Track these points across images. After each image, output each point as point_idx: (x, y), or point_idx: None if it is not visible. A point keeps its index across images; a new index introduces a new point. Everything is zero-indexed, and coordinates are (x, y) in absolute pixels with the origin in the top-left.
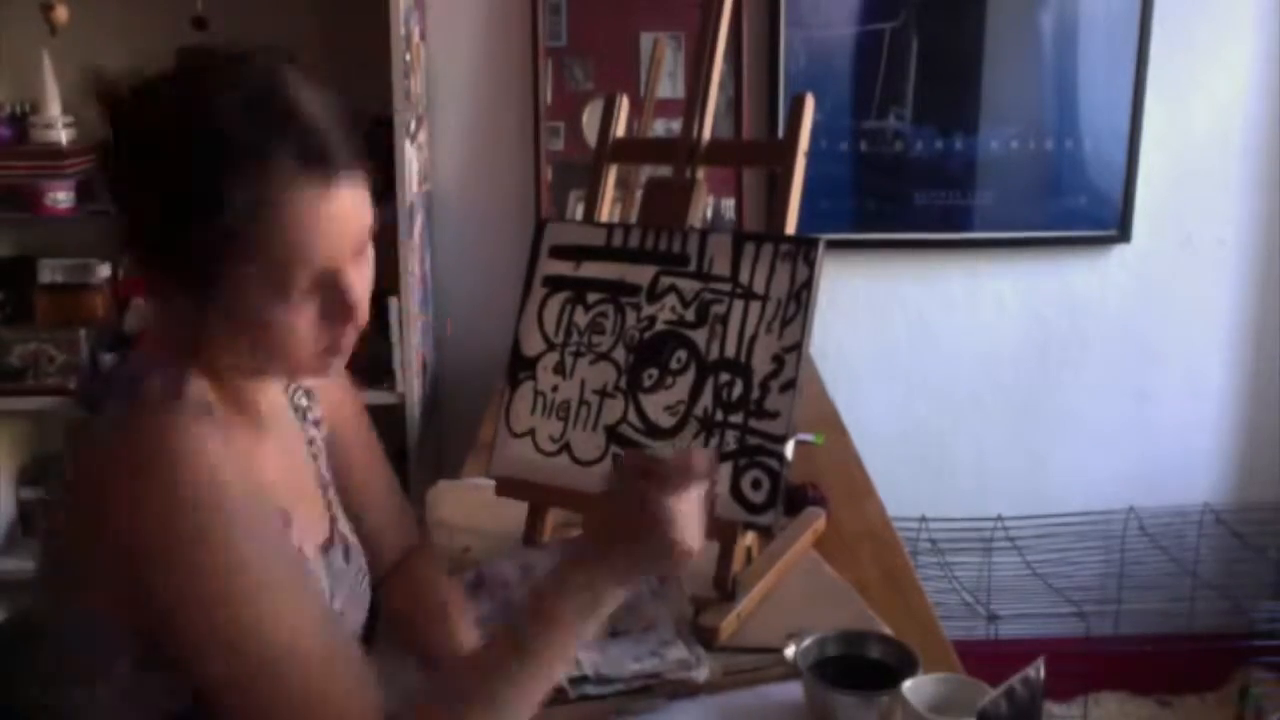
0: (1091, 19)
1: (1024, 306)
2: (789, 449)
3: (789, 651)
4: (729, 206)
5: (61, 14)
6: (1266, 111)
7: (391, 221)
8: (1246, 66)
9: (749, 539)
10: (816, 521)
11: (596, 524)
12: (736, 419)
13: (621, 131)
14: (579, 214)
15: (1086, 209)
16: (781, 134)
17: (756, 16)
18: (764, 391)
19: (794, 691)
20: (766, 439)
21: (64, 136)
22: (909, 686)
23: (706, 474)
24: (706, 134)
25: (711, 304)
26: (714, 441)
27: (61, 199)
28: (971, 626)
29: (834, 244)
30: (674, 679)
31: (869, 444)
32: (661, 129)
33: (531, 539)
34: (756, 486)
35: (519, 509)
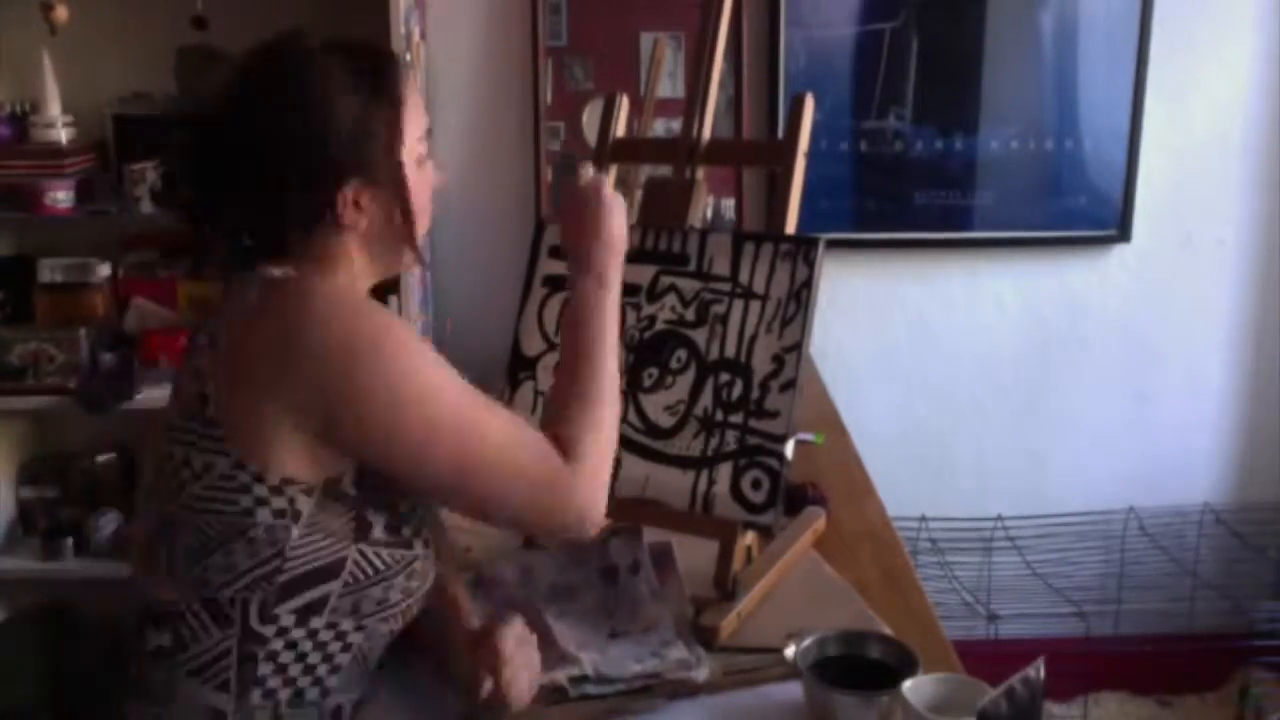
0: (1091, 19)
1: (1024, 306)
2: (789, 449)
3: (789, 651)
4: (729, 206)
5: (61, 14)
6: (1266, 111)
7: None
8: (1246, 66)
9: (749, 539)
10: (816, 521)
11: (563, 234)
12: (736, 419)
13: (621, 131)
14: None
15: (1086, 209)
16: (781, 134)
17: (756, 16)
18: (764, 391)
19: (794, 691)
20: (766, 439)
21: (64, 136)
22: (909, 686)
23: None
24: (706, 134)
25: (711, 304)
26: (714, 441)
27: (61, 199)
28: (971, 626)
29: (834, 244)
30: (674, 679)
31: (869, 444)
32: (661, 129)
33: (531, 540)
34: (756, 486)
35: None
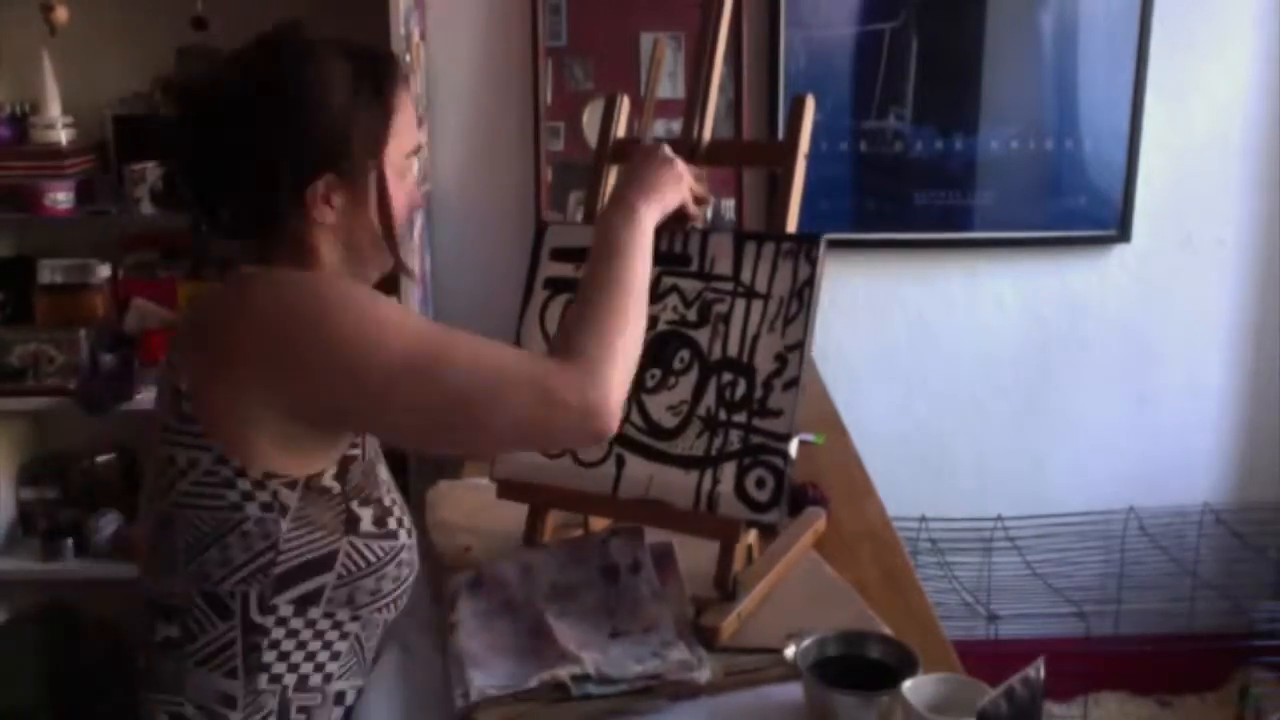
0: (1091, 19)
1: (1024, 306)
2: (793, 447)
3: (789, 651)
4: (729, 207)
5: (61, 14)
6: (1266, 111)
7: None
8: (1246, 66)
9: (750, 538)
10: (817, 521)
11: (624, 172)
12: (740, 418)
13: (622, 132)
14: (579, 215)
15: (1086, 209)
16: (782, 135)
17: (756, 17)
18: (767, 390)
19: (794, 692)
20: (770, 438)
21: (64, 136)
22: (909, 686)
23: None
24: (707, 134)
25: (714, 303)
26: (717, 441)
27: (61, 199)
28: (971, 626)
29: (834, 244)
30: (675, 680)
31: (869, 444)
32: (661, 129)
33: (531, 539)
34: (760, 485)
35: (519, 509)
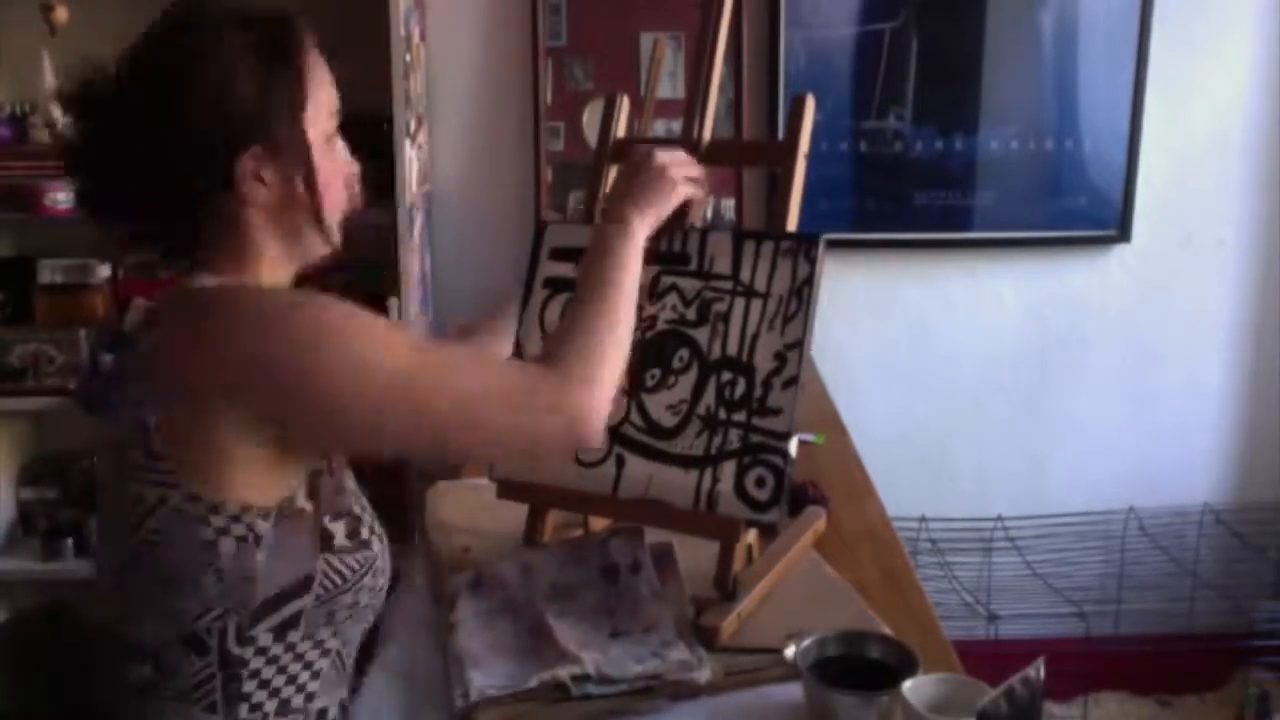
0: (1091, 19)
1: (1024, 307)
2: (793, 446)
3: (789, 651)
4: (729, 207)
5: (61, 14)
6: (1266, 111)
7: (391, 222)
8: (1246, 66)
9: (750, 538)
10: (817, 521)
11: (618, 181)
12: (739, 417)
13: (622, 131)
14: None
15: (1086, 209)
16: (782, 135)
17: (756, 17)
18: (766, 389)
19: (794, 692)
20: (770, 436)
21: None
22: (909, 686)
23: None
24: (707, 134)
25: (713, 302)
26: (717, 440)
27: (61, 199)
28: (971, 626)
29: (834, 244)
30: (676, 680)
31: (869, 444)
32: (661, 129)
33: (531, 539)
34: (760, 484)
35: (519, 509)
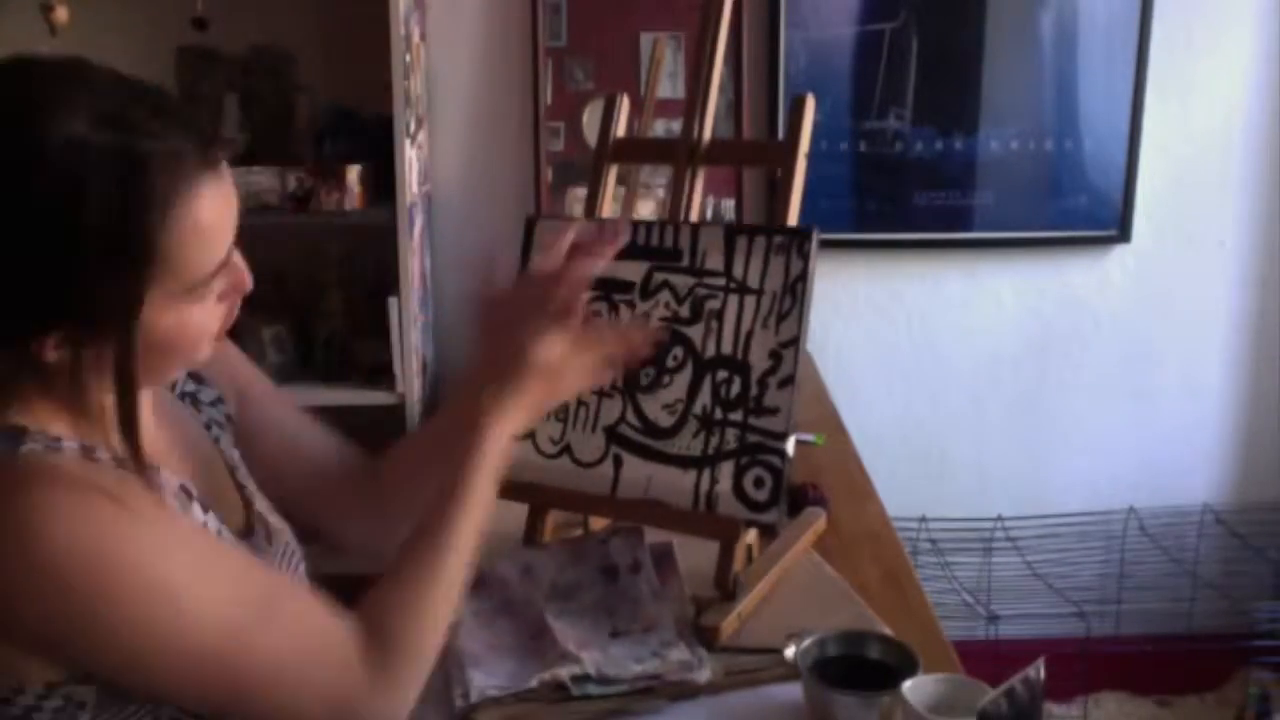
0: (1091, 19)
1: (1024, 307)
2: (790, 445)
3: (789, 651)
4: (729, 207)
5: (61, 14)
6: (1266, 111)
7: (391, 222)
8: (1246, 67)
9: (750, 538)
10: (817, 521)
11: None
12: (736, 416)
13: (622, 131)
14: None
15: (1086, 209)
16: (782, 135)
17: (756, 17)
18: (762, 388)
19: (794, 692)
20: (767, 436)
21: None
22: (909, 686)
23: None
24: (707, 134)
25: (706, 299)
26: (714, 440)
27: None
28: (971, 626)
29: (834, 244)
30: (676, 680)
31: (869, 444)
32: (661, 129)
33: (531, 539)
34: (759, 485)
35: (518, 509)
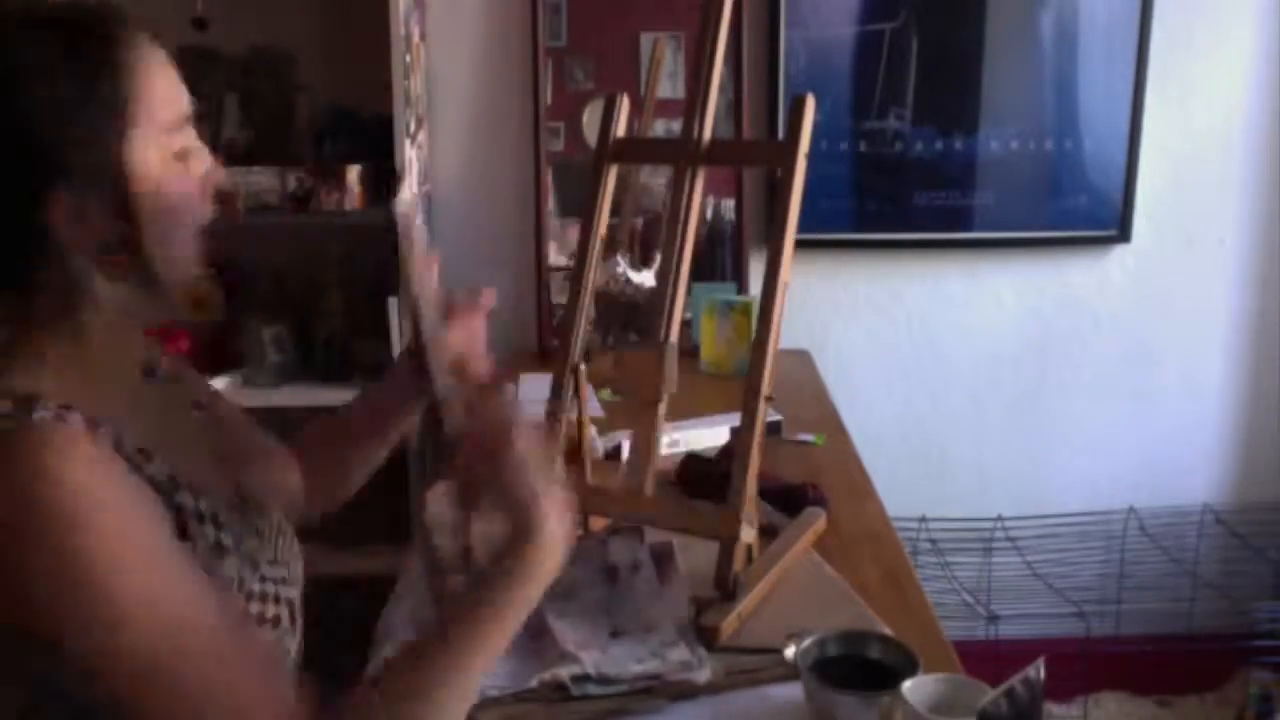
0: (1091, 19)
1: (1024, 307)
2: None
3: (789, 651)
4: (729, 207)
5: None
6: (1266, 111)
7: (392, 222)
8: (1246, 67)
9: (750, 538)
10: (817, 522)
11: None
12: None
13: (622, 131)
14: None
15: (1086, 209)
16: (782, 135)
17: (756, 17)
18: None
19: (794, 691)
20: None
21: None
22: (909, 686)
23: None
24: (707, 134)
25: None
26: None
27: None
28: (971, 626)
29: (834, 244)
30: (676, 680)
31: (869, 444)
32: (661, 129)
33: None
34: None
35: None
